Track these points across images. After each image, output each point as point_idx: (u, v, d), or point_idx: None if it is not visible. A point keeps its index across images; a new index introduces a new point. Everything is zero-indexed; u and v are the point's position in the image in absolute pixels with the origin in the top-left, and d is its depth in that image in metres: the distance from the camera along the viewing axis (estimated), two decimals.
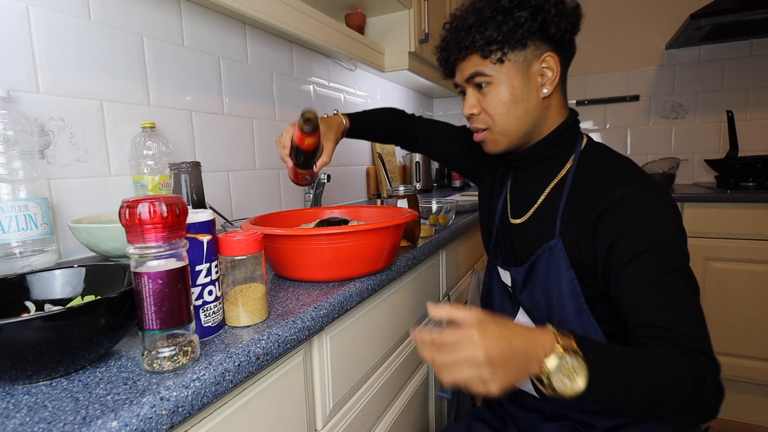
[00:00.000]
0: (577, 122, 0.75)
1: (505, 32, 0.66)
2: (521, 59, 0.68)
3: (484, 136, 0.74)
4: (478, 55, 0.69)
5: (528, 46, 0.67)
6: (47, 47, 0.75)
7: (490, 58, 0.68)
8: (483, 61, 0.69)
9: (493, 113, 0.71)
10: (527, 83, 0.69)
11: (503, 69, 0.69)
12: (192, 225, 0.42)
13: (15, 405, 0.32)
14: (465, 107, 0.74)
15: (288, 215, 0.83)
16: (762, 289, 1.65)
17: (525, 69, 0.69)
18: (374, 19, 1.65)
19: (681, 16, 2.10)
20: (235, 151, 1.17)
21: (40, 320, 0.32)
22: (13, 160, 0.62)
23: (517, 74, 0.69)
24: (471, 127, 0.77)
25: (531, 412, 0.78)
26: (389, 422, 0.80)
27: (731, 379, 1.73)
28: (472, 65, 0.71)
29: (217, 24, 1.09)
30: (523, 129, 0.71)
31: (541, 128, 0.72)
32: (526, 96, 0.69)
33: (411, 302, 0.89)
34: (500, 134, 0.72)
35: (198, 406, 0.36)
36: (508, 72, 0.69)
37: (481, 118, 0.73)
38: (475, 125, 0.75)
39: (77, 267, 0.46)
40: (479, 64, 0.70)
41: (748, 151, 2.06)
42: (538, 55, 0.68)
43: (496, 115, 0.71)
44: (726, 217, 1.67)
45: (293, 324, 0.48)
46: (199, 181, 0.68)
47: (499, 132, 0.72)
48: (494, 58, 0.68)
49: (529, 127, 0.71)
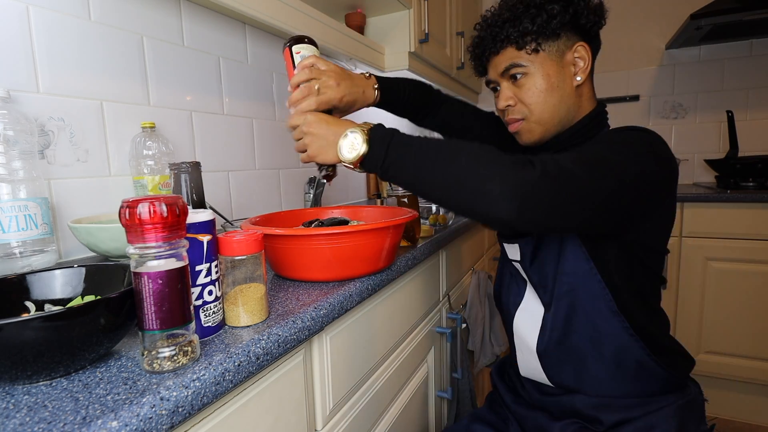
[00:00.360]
0: (605, 113, 0.77)
1: (539, 23, 0.68)
2: (554, 49, 0.71)
3: (519, 126, 0.75)
4: (513, 47, 0.71)
5: (561, 36, 0.70)
6: (47, 47, 0.75)
7: (525, 49, 0.70)
8: (518, 52, 0.71)
9: (530, 102, 0.72)
10: (561, 71, 0.71)
11: (538, 59, 0.71)
12: (192, 225, 0.42)
13: (15, 405, 0.32)
14: (500, 100, 0.75)
15: (288, 215, 0.83)
16: (762, 289, 1.65)
17: (559, 58, 0.71)
18: (374, 19, 1.65)
19: (681, 16, 2.10)
20: (235, 151, 1.17)
21: (40, 320, 0.32)
22: (13, 160, 0.62)
23: (552, 63, 0.71)
24: (506, 120, 0.78)
25: (537, 410, 0.78)
26: (389, 422, 0.80)
27: (731, 379, 1.73)
28: (507, 58, 0.72)
29: (217, 24, 1.09)
30: (557, 117, 0.73)
31: (573, 117, 0.74)
32: (561, 84, 0.71)
33: (411, 302, 0.89)
34: (536, 123, 0.73)
35: (198, 406, 0.36)
36: (543, 61, 0.71)
37: (517, 108, 0.74)
38: (511, 116, 0.76)
39: (77, 267, 0.46)
40: (514, 56, 0.71)
41: (748, 151, 2.06)
42: (570, 45, 0.71)
43: (533, 104, 0.72)
44: (726, 217, 1.67)
45: (293, 324, 0.48)
46: (199, 181, 0.68)
47: (536, 120, 0.73)
48: (529, 49, 0.70)
49: (563, 115, 0.73)
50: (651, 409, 0.68)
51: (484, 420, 0.84)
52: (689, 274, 1.75)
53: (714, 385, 1.78)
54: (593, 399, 0.71)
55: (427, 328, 0.99)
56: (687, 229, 1.74)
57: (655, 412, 0.68)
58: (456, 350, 1.10)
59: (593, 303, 0.68)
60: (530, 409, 0.79)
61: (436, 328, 1.04)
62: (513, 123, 0.76)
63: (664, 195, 0.65)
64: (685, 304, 1.77)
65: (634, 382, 0.70)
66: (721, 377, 1.75)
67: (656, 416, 0.67)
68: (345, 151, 0.61)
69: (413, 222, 0.86)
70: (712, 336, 1.74)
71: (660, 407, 0.68)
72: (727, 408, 1.78)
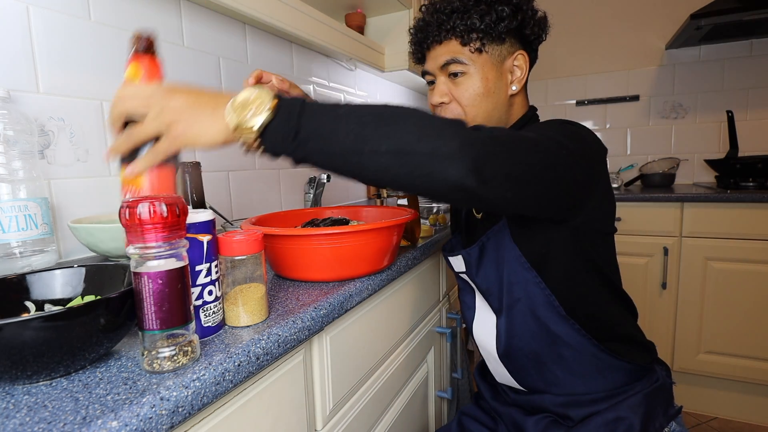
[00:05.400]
0: (537, 117, 0.77)
1: (487, 23, 0.67)
2: (497, 53, 0.70)
3: None
4: (458, 41, 0.69)
5: (505, 42, 0.70)
6: (47, 47, 0.75)
7: (468, 46, 0.69)
8: (461, 48, 0.69)
9: (466, 104, 0.71)
10: (499, 78, 0.71)
11: (479, 60, 0.70)
12: (192, 225, 0.42)
13: (15, 405, 0.32)
14: (434, 95, 0.73)
15: (288, 215, 0.83)
16: (762, 289, 1.65)
17: (499, 64, 0.71)
18: (374, 19, 1.65)
19: (681, 16, 2.10)
20: (235, 151, 1.17)
21: (40, 320, 0.32)
22: (13, 160, 0.62)
23: (492, 67, 0.70)
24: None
25: (512, 407, 0.79)
26: (389, 422, 0.80)
27: (731, 379, 1.73)
28: (448, 51, 0.70)
29: (217, 24, 1.09)
30: (489, 122, 0.72)
31: (504, 124, 0.74)
32: (497, 90, 0.71)
33: (411, 302, 0.89)
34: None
35: (198, 406, 0.36)
36: (484, 64, 0.70)
37: (451, 107, 0.73)
38: (443, 114, 0.74)
39: (77, 267, 0.46)
40: (457, 51, 0.70)
41: (748, 151, 2.06)
42: (512, 52, 0.71)
43: (468, 105, 0.71)
44: (726, 217, 1.67)
45: (293, 324, 0.48)
46: (199, 181, 0.68)
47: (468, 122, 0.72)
48: (473, 47, 0.69)
49: (494, 122, 0.73)
50: (618, 401, 0.69)
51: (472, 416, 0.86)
52: (689, 274, 1.75)
53: (714, 385, 1.78)
54: (561, 398, 0.72)
55: (427, 328, 0.99)
56: (687, 229, 1.74)
57: (622, 402, 0.69)
58: (456, 350, 1.10)
59: (541, 309, 0.68)
60: (507, 406, 0.81)
61: (436, 328, 1.04)
62: None
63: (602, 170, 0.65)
64: (684, 304, 1.77)
65: (597, 378, 0.71)
66: (721, 377, 1.75)
67: (623, 406, 0.68)
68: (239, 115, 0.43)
69: (413, 222, 0.86)
70: (712, 336, 1.74)
71: (626, 397, 0.69)
72: (727, 408, 1.78)
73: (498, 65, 0.70)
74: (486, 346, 0.78)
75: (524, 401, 0.77)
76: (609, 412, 0.68)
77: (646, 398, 0.69)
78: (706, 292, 1.73)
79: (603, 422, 0.67)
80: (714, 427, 1.74)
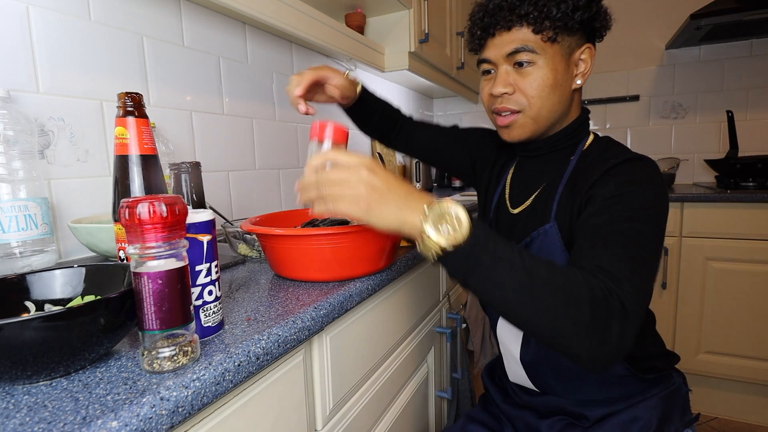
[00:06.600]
0: (588, 120, 0.75)
1: (563, 11, 0.63)
2: (567, 44, 0.66)
3: (514, 119, 0.69)
4: (530, 29, 0.64)
5: (576, 33, 0.66)
6: (47, 47, 0.75)
7: (541, 35, 0.64)
8: (533, 36, 0.65)
9: (533, 95, 0.66)
10: (566, 70, 0.67)
11: (551, 50, 0.65)
12: (192, 225, 0.42)
13: (15, 405, 0.32)
14: (497, 85, 0.68)
15: (288, 215, 0.83)
16: (762, 289, 1.65)
17: (568, 55, 0.67)
18: (374, 19, 1.65)
19: (681, 16, 2.10)
20: (235, 151, 1.17)
21: (40, 320, 0.32)
22: (13, 160, 0.62)
23: (561, 59, 0.66)
24: (497, 108, 0.70)
25: (525, 410, 0.78)
26: (389, 422, 0.80)
27: (731, 379, 1.73)
28: (518, 39, 0.65)
29: (217, 24, 1.09)
30: (553, 116, 0.69)
31: (564, 121, 0.71)
32: (564, 83, 0.67)
33: (411, 302, 0.89)
34: (532, 118, 0.68)
35: (198, 406, 0.36)
36: (554, 54, 0.66)
37: (514, 98, 0.68)
38: (504, 105, 0.69)
39: (77, 267, 0.46)
40: (527, 39, 0.65)
41: (748, 151, 2.06)
42: (581, 44, 0.68)
43: (535, 97, 0.66)
44: (726, 217, 1.67)
45: (293, 324, 0.48)
46: (199, 181, 0.68)
47: (533, 116, 0.68)
48: (545, 36, 0.64)
49: (557, 116, 0.69)
50: (635, 401, 0.69)
51: (478, 420, 0.85)
52: (689, 274, 1.75)
53: (714, 385, 1.78)
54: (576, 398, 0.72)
55: (427, 328, 0.99)
56: (687, 229, 1.74)
57: (639, 403, 0.69)
58: (456, 350, 1.09)
59: None
60: (519, 408, 0.80)
61: (436, 328, 1.04)
62: (505, 115, 0.70)
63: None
64: (685, 304, 1.77)
65: (617, 387, 0.71)
66: (721, 377, 1.75)
67: (640, 407, 0.68)
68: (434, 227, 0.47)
69: None
70: (712, 336, 1.74)
71: (644, 398, 0.69)
72: (727, 408, 1.78)
73: (566, 57, 0.66)
74: (509, 346, 0.76)
75: (538, 402, 0.76)
76: (626, 412, 0.68)
77: (662, 400, 0.69)
78: (706, 292, 1.73)
79: (619, 423, 0.67)
80: (714, 427, 1.74)
